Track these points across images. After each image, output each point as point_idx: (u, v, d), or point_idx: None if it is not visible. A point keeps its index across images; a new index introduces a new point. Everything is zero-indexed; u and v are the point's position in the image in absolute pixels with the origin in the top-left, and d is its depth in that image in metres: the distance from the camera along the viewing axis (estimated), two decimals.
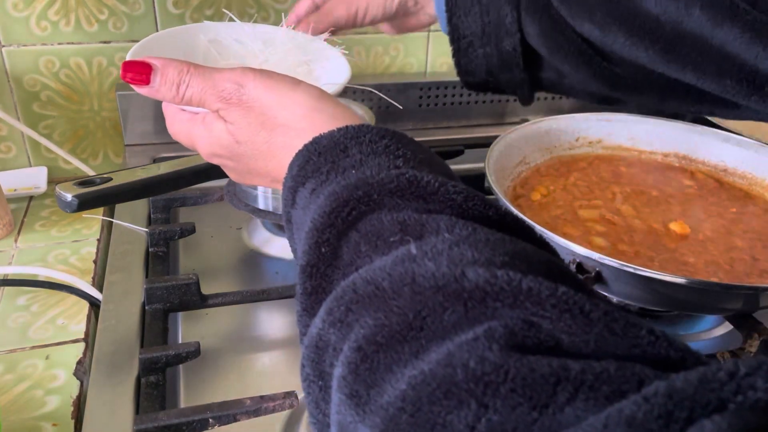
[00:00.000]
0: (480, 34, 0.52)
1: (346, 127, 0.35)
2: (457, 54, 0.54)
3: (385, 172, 0.31)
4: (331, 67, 0.53)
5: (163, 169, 0.59)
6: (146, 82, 0.39)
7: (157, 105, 0.88)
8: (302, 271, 0.30)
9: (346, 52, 0.53)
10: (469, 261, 0.25)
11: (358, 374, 0.23)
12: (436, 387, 0.21)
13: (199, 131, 0.41)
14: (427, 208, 0.29)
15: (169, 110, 0.43)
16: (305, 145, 0.35)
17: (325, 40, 0.56)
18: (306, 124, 0.37)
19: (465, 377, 0.20)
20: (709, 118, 0.82)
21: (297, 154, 0.35)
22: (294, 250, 0.36)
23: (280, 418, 0.49)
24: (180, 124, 0.43)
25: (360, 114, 0.81)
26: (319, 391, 0.27)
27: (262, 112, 0.38)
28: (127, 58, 0.42)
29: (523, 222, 0.30)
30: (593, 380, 0.19)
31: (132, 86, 0.39)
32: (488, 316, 0.22)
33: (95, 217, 0.75)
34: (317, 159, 0.34)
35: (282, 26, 0.58)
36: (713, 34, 0.40)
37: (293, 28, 0.58)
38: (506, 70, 0.53)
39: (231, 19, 0.54)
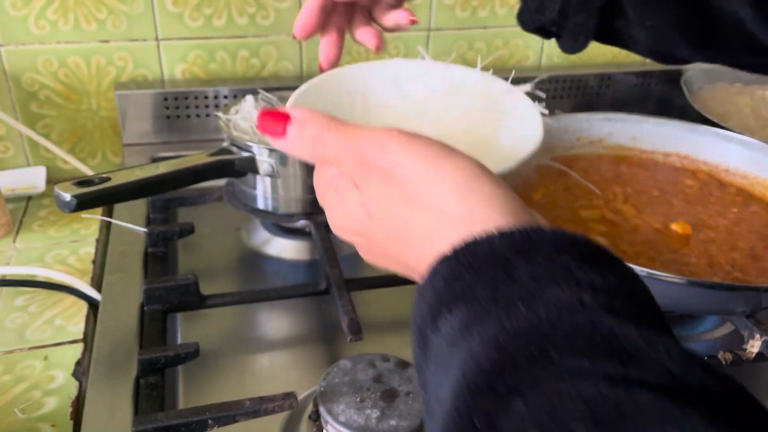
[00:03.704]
0: None
1: (511, 233, 0.26)
2: None
3: (567, 315, 0.23)
4: (520, 128, 0.43)
5: (162, 168, 0.59)
6: (282, 134, 0.33)
7: (156, 105, 0.88)
8: None
9: (546, 111, 0.45)
10: None
11: None
12: None
13: (331, 199, 0.35)
14: (625, 376, 0.21)
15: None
16: (455, 252, 0.27)
17: (527, 92, 0.46)
18: (456, 206, 0.29)
19: None
20: (710, 117, 0.81)
21: (443, 261, 0.27)
22: (424, 384, 0.28)
23: (279, 419, 0.49)
24: (318, 181, 0.36)
25: None
26: None
27: (404, 181, 0.31)
28: (288, 105, 0.36)
29: (752, 398, 0.22)
30: None
31: (266, 137, 0.34)
32: None
33: (94, 217, 0.75)
34: (470, 277, 0.26)
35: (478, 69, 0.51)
36: None
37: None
38: (582, 11, 0.48)
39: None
